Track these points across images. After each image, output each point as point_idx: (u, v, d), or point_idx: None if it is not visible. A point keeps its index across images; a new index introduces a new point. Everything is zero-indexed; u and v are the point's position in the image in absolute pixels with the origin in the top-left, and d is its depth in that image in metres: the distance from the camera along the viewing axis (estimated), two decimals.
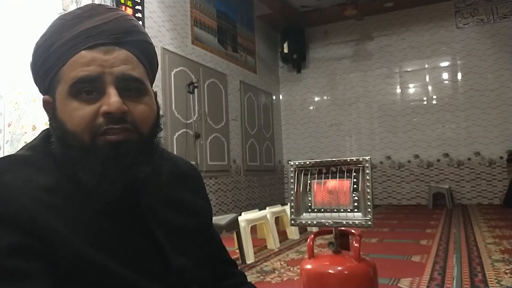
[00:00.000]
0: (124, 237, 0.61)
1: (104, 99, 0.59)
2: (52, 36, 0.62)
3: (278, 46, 8.22)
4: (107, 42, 0.61)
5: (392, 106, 7.52)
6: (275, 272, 2.70)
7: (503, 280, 2.30)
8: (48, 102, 0.64)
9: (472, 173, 6.94)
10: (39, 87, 0.67)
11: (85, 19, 0.61)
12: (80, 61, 0.59)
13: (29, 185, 0.56)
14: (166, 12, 4.85)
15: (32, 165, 0.59)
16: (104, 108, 0.58)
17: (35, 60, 0.64)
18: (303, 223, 1.58)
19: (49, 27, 0.64)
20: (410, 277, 2.42)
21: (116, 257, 0.58)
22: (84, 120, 0.58)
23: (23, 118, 3.93)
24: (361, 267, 1.43)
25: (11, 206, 0.53)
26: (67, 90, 0.60)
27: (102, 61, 0.59)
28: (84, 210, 0.58)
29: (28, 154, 0.62)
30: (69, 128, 0.59)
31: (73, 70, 0.59)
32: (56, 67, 0.61)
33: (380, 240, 3.83)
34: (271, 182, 7.56)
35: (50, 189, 0.57)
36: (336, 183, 1.51)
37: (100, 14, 0.62)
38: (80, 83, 0.59)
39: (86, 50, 0.60)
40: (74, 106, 0.59)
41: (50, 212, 0.55)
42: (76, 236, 0.55)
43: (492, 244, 3.33)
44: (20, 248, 0.51)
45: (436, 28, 7.28)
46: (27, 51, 3.96)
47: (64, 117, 0.60)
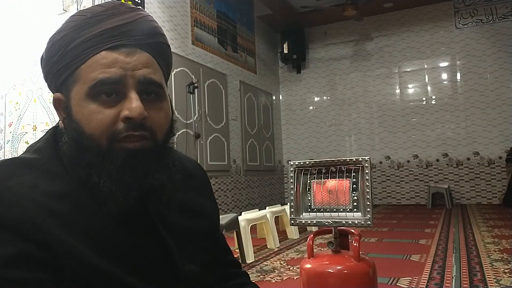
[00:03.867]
0: (133, 244, 0.59)
1: (125, 103, 0.57)
2: (71, 32, 0.59)
3: (278, 46, 8.23)
4: (129, 43, 0.59)
5: (391, 106, 7.53)
6: (275, 272, 2.71)
7: (502, 279, 2.31)
8: (60, 100, 0.62)
9: (471, 173, 6.96)
10: (50, 84, 0.64)
11: (107, 18, 0.59)
12: (101, 61, 0.57)
13: (34, 191, 0.54)
14: (166, 12, 4.86)
15: (38, 169, 0.57)
16: (125, 113, 0.57)
17: (50, 56, 0.61)
18: (303, 222, 1.58)
19: (67, 23, 0.61)
20: (409, 277, 2.43)
21: (124, 264, 0.57)
22: (103, 124, 0.57)
23: (23, 118, 3.94)
24: (361, 267, 1.44)
25: (14, 212, 0.51)
26: (86, 91, 0.57)
27: (124, 63, 0.58)
28: (93, 216, 0.57)
29: (34, 157, 0.59)
30: (86, 130, 0.57)
31: (93, 70, 0.57)
32: (74, 65, 0.58)
33: (379, 239, 3.84)
34: (271, 182, 7.57)
35: (56, 195, 0.55)
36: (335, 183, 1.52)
37: (122, 14, 0.60)
38: (101, 85, 0.57)
39: (107, 50, 0.58)
40: (93, 109, 0.57)
41: (55, 220, 0.53)
42: (83, 243, 0.54)
43: (491, 244, 3.34)
44: (23, 258, 0.50)
45: (435, 29, 7.30)
46: (27, 51, 3.97)
47: (80, 119, 0.57)
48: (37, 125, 3.86)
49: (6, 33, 4.15)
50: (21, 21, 4.08)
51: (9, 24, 4.14)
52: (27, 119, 3.91)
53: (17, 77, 4.02)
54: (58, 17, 3.85)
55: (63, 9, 3.82)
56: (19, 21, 4.09)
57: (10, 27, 4.14)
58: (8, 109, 4.03)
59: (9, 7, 4.18)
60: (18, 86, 4.00)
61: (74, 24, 0.59)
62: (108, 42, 0.58)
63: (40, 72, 4.01)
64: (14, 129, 3.97)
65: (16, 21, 4.10)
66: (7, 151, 3.97)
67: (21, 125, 3.94)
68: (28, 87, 3.94)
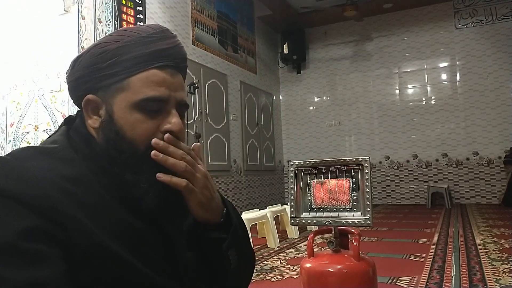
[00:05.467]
0: (139, 231, 0.64)
1: (167, 118, 0.66)
2: (126, 46, 0.66)
3: (278, 47, 8.24)
4: (172, 65, 0.68)
5: (391, 107, 7.54)
6: (275, 271, 2.72)
7: (501, 279, 2.31)
8: (93, 102, 0.67)
9: (470, 172, 6.97)
10: (83, 84, 0.68)
11: (158, 40, 0.67)
12: (153, 78, 0.65)
13: (51, 172, 0.58)
14: (167, 13, 4.87)
15: (55, 155, 0.62)
16: (167, 126, 0.65)
17: (98, 61, 0.66)
18: (303, 222, 1.60)
19: (120, 36, 0.67)
20: (409, 276, 2.43)
21: (131, 249, 0.60)
22: (145, 133, 0.64)
23: (25, 118, 3.95)
24: (360, 266, 1.45)
25: (32, 189, 0.54)
26: (135, 102, 0.64)
27: (170, 84, 0.67)
28: (104, 202, 0.61)
29: (51, 146, 0.64)
30: (128, 135, 0.64)
31: (145, 85, 0.65)
32: (123, 75, 0.65)
33: (379, 239, 3.85)
34: (271, 181, 7.58)
35: (71, 179, 0.60)
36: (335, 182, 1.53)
37: (168, 38, 0.69)
38: (151, 100, 0.64)
39: (157, 69, 0.66)
40: (138, 118, 0.64)
41: (70, 200, 0.57)
42: (95, 225, 0.57)
43: (490, 244, 3.35)
44: (37, 232, 0.52)
45: (435, 29, 7.31)
46: (28, 51, 3.98)
47: (123, 124, 0.64)
48: (39, 125, 3.87)
49: (7, 33, 4.16)
50: (22, 22, 4.09)
51: (9, 24, 4.15)
52: (28, 119, 3.93)
53: (18, 77, 4.03)
54: (59, 18, 3.86)
55: (64, 9, 3.83)
56: (19, 21, 4.10)
57: (11, 27, 4.15)
58: (9, 109, 4.05)
59: (9, 7, 4.19)
60: (19, 86, 4.01)
61: (130, 39, 0.66)
62: (158, 61, 0.66)
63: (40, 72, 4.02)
64: (16, 129, 3.98)
65: (17, 21, 4.11)
66: (9, 151, 3.98)
67: (23, 125, 3.95)
68: (29, 87, 3.95)
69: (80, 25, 3.75)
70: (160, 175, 0.63)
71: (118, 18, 3.75)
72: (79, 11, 3.77)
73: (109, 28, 3.72)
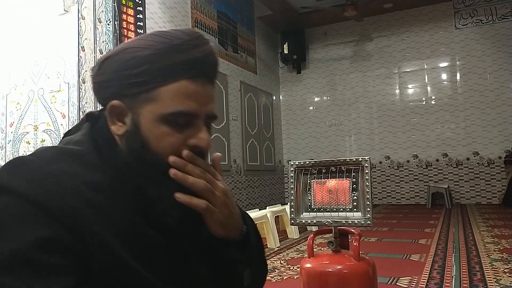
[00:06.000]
0: (158, 244, 0.62)
1: (194, 132, 0.63)
2: (158, 53, 0.62)
3: (278, 47, 8.24)
4: (204, 75, 0.65)
5: (391, 107, 7.54)
6: (275, 271, 2.72)
7: (502, 279, 2.31)
8: (118, 108, 0.64)
9: (471, 172, 6.97)
10: (108, 88, 0.65)
11: (191, 48, 0.63)
12: (183, 91, 0.62)
13: (74, 179, 0.57)
14: (167, 13, 4.87)
15: (79, 159, 0.61)
16: (195, 141, 0.63)
17: (127, 67, 0.62)
18: (303, 222, 1.60)
19: (152, 41, 0.63)
20: (409, 276, 2.43)
21: (147, 263, 0.59)
22: (171, 147, 0.62)
23: (24, 118, 3.95)
24: (361, 266, 1.45)
25: (54, 197, 0.54)
26: (163, 114, 0.61)
27: (200, 97, 0.63)
28: (124, 212, 0.60)
29: (76, 148, 0.63)
30: (152, 147, 0.62)
31: (175, 98, 0.62)
32: (153, 84, 0.62)
33: (379, 239, 3.85)
34: (271, 182, 7.58)
35: (94, 186, 0.58)
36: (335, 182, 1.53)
37: (202, 45, 0.65)
38: (179, 115, 0.62)
39: (188, 80, 0.62)
40: (165, 131, 0.62)
41: (91, 210, 0.56)
42: (113, 237, 0.56)
43: (490, 244, 3.35)
44: (54, 242, 0.51)
45: (435, 29, 7.31)
46: (28, 51, 3.98)
47: (149, 136, 0.62)
48: (38, 125, 3.87)
49: (7, 33, 4.16)
50: (22, 21, 4.09)
51: (10, 24, 4.15)
52: (28, 119, 3.92)
53: (18, 77, 4.03)
54: (59, 18, 3.86)
55: (64, 9, 3.83)
56: (19, 21, 4.10)
57: (11, 27, 4.14)
58: (9, 109, 4.04)
59: (9, 7, 4.19)
60: (19, 86, 4.01)
61: (162, 46, 0.62)
62: (190, 72, 0.63)
63: (40, 72, 4.01)
64: (15, 129, 3.98)
65: (17, 21, 4.11)
66: (8, 151, 3.98)
67: (22, 125, 3.95)
68: (29, 87, 3.95)
69: (80, 25, 3.75)
70: (178, 195, 0.61)
71: (118, 18, 3.74)
72: (79, 11, 3.77)
73: (109, 28, 3.72)
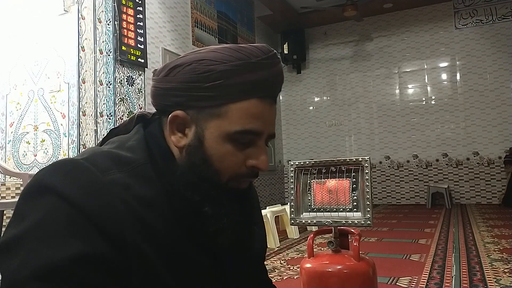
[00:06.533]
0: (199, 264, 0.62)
1: (256, 154, 0.63)
2: (232, 69, 0.60)
3: (278, 47, 8.23)
4: (273, 96, 0.65)
5: (391, 107, 7.54)
6: (275, 271, 2.72)
7: (501, 279, 2.32)
8: (181, 119, 0.63)
9: (471, 172, 6.97)
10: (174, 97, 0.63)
11: (266, 67, 0.63)
12: (252, 110, 0.61)
13: (126, 192, 0.56)
14: (167, 13, 4.87)
15: (133, 170, 0.59)
16: (254, 162, 0.63)
17: (200, 79, 0.61)
18: (303, 222, 1.60)
19: (227, 55, 0.61)
20: (409, 276, 2.44)
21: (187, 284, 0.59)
22: (232, 166, 0.62)
23: (24, 118, 3.94)
24: (361, 266, 1.45)
25: (105, 212, 0.53)
26: (230, 133, 0.61)
27: (267, 117, 0.63)
28: (172, 230, 0.59)
29: (129, 156, 0.61)
30: (215, 165, 0.61)
31: (244, 117, 0.61)
32: (222, 100, 0.61)
33: (379, 239, 3.85)
34: (271, 181, 7.58)
35: (146, 202, 0.57)
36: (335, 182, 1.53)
37: (275, 65, 0.64)
38: (246, 133, 0.61)
39: (258, 99, 0.62)
40: (229, 150, 0.61)
41: (139, 226, 0.55)
42: (157, 257, 0.56)
43: (490, 244, 3.35)
44: (95, 258, 0.51)
45: (435, 29, 7.30)
46: (28, 51, 3.98)
47: (213, 154, 0.61)
48: (38, 125, 3.87)
49: (7, 33, 4.16)
50: (21, 21, 4.08)
51: (9, 24, 4.15)
52: (28, 119, 3.92)
53: (18, 77, 4.03)
54: (59, 18, 3.86)
55: (64, 9, 3.83)
56: (19, 21, 4.10)
57: (11, 27, 4.14)
58: (9, 109, 4.04)
59: (9, 7, 4.19)
60: (19, 86, 4.01)
61: (239, 62, 0.61)
62: (261, 91, 0.62)
63: (40, 72, 4.00)
64: (15, 129, 3.98)
65: (17, 21, 4.11)
66: (8, 151, 3.98)
67: (22, 125, 3.94)
68: (29, 87, 3.95)
69: (80, 25, 3.75)
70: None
71: (118, 18, 3.74)
72: (79, 11, 3.76)
73: (109, 28, 3.72)
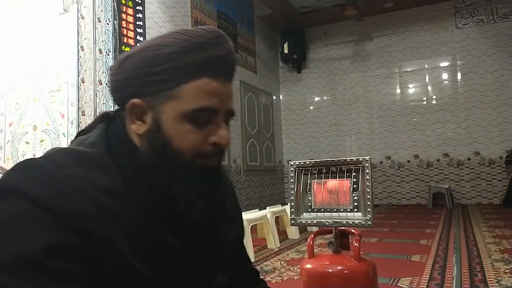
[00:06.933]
0: (171, 249, 0.61)
1: (216, 131, 0.64)
2: (180, 51, 0.61)
3: (278, 46, 8.23)
4: (224, 73, 0.65)
5: (392, 106, 7.54)
6: (275, 272, 2.71)
7: (503, 279, 2.31)
8: (138, 107, 0.63)
9: (471, 173, 6.96)
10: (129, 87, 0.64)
11: (214, 46, 0.63)
12: (206, 88, 0.62)
13: (86, 183, 0.56)
14: (166, 12, 4.86)
15: (92, 162, 0.59)
16: (215, 139, 0.63)
17: (149, 65, 0.62)
18: (303, 222, 1.58)
19: (173, 39, 0.63)
20: (410, 277, 2.43)
21: (161, 270, 0.58)
22: (193, 144, 0.62)
23: (24, 118, 3.94)
24: (361, 267, 1.44)
25: (66, 202, 0.53)
26: (186, 112, 0.61)
27: (222, 94, 0.64)
28: (139, 218, 0.59)
29: (88, 151, 0.61)
30: (175, 146, 0.62)
31: (197, 95, 0.61)
32: (174, 82, 0.61)
33: (380, 239, 3.84)
34: (271, 182, 7.57)
35: (106, 190, 0.57)
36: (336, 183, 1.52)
37: (224, 43, 0.65)
38: (202, 111, 0.62)
39: (209, 77, 0.62)
40: (187, 128, 0.62)
41: (104, 215, 0.55)
42: (126, 244, 0.56)
43: (491, 244, 3.34)
44: (64, 248, 0.51)
45: (435, 29, 7.30)
46: (27, 51, 3.97)
47: (172, 134, 0.62)
48: (37, 125, 3.86)
49: (6, 32, 4.15)
50: (21, 21, 4.08)
51: (9, 24, 4.15)
52: (27, 119, 3.92)
53: (17, 77, 4.02)
54: (59, 17, 3.85)
55: (63, 9, 3.82)
56: (19, 20, 4.09)
57: (10, 26, 4.14)
58: (8, 109, 4.03)
59: (9, 7, 4.18)
60: (18, 86, 4.00)
61: (185, 44, 0.62)
62: (212, 70, 0.63)
63: (39, 72, 4.00)
64: (15, 129, 3.97)
65: (16, 20, 4.11)
66: (8, 151, 3.97)
67: (22, 125, 3.94)
68: (28, 87, 3.94)
69: (79, 25, 3.74)
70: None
71: (117, 17, 3.74)
72: (79, 11, 3.76)
73: (109, 27, 3.71)
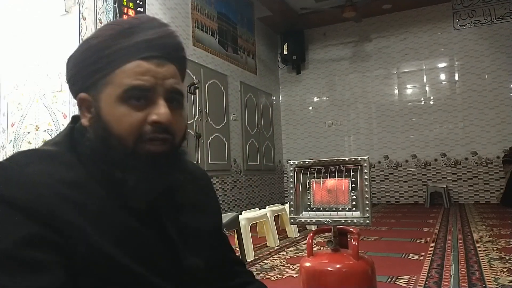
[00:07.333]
0: (141, 235, 0.63)
1: (154, 109, 0.62)
2: (108, 39, 0.63)
3: (278, 48, 8.26)
4: (160, 55, 0.64)
5: (390, 107, 7.57)
6: (275, 270, 2.73)
7: (500, 278, 2.33)
8: (85, 100, 0.65)
9: (469, 172, 6.99)
10: (75, 83, 0.67)
11: (143, 30, 0.64)
12: (136, 69, 0.62)
13: (50, 178, 0.57)
14: (167, 14, 4.89)
15: (55, 159, 0.61)
16: (153, 117, 0.62)
17: (84, 58, 0.64)
18: (303, 221, 1.61)
19: (103, 30, 0.65)
20: (408, 275, 2.45)
21: (132, 254, 0.59)
22: (131, 126, 0.61)
23: (26, 118, 3.96)
24: (360, 265, 1.46)
25: (31, 196, 0.54)
26: (118, 94, 0.62)
27: (156, 73, 0.63)
28: (105, 206, 0.60)
29: (52, 149, 0.63)
30: (114, 130, 0.61)
31: (128, 77, 0.62)
32: (107, 69, 0.63)
33: (378, 238, 3.87)
34: (271, 181, 7.60)
35: (72, 183, 0.58)
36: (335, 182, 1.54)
37: (155, 28, 0.65)
38: (133, 90, 0.61)
39: (142, 60, 0.63)
40: (123, 111, 0.61)
41: (69, 206, 0.56)
42: (94, 230, 0.56)
43: (489, 243, 3.37)
44: (37, 239, 0.52)
45: (434, 30, 7.33)
46: (29, 51, 3.99)
47: (110, 120, 0.62)
48: (40, 125, 3.89)
49: (8, 33, 4.17)
50: (23, 22, 4.10)
51: (10, 25, 4.17)
52: (29, 119, 3.94)
53: (19, 77, 4.04)
54: (60, 18, 3.88)
55: (65, 10, 3.84)
56: (20, 21, 4.11)
57: (12, 27, 4.16)
58: (10, 109, 4.06)
59: (9, 7, 4.20)
60: (20, 86, 4.03)
61: (112, 32, 0.64)
62: (143, 52, 0.63)
63: (41, 73, 4.03)
64: (17, 129, 4.00)
65: (18, 21, 4.13)
66: (10, 151, 4.00)
67: (24, 125, 3.96)
68: (30, 88, 3.97)
69: (81, 26, 3.77)
70: None
71: (118, 19, 3.76)
72: (80, 12, 3.78)
73: None
